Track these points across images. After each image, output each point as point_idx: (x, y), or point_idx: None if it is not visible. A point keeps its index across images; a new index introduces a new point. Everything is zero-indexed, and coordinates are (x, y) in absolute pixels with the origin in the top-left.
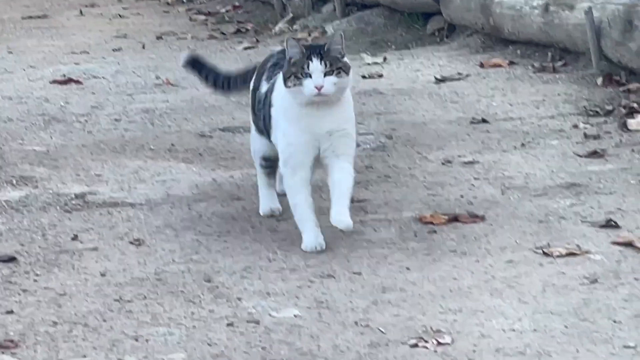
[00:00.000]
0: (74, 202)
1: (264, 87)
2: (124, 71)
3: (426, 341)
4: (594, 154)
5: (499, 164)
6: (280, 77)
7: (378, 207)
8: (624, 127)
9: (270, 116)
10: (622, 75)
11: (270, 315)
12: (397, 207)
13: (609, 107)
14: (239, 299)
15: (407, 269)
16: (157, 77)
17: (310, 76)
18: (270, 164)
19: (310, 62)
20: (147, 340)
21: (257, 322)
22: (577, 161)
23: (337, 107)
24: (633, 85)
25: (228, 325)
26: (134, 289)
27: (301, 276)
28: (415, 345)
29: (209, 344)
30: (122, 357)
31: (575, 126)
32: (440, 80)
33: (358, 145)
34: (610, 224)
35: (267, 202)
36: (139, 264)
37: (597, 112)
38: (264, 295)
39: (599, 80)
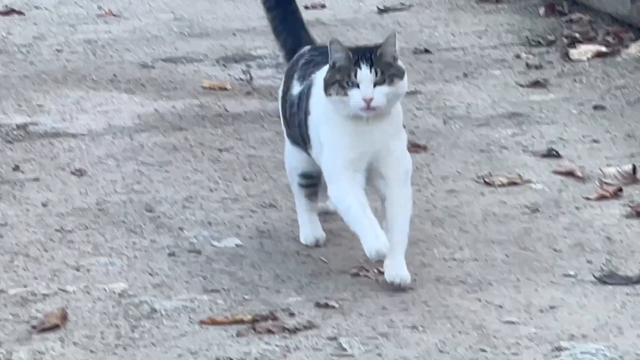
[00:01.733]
0: (15, 132)
1: (295, 88)
2: (66, 2)
3: (367, 270)
4: (536, 84)
5: (441, 93)
6: (317, 78)
7: None
8: (566, 57)
9: (307, 125)
10: (564, 5)
11: (211, 245)
12: None
13: (551, 37)
14: (181, 228)
15: None
16: (100, 8)
17: (358, 86)
18: (312, 183)
19: (358, 69)
20: (88, 270)
21: (199, 252)
22: (519, 91)
23: (388, 117)
24: (575, 15)
25: (169, 255)
26: (76, 219)
27: (243, 206)
28: (357, 275)
29: (150, 274)
30: (63, 287)
31: (518, 56)
32: (382, 11)
33: None
34: (551, 154)
35: (309, 231)
36: (81, 194)
37: (539, 42)
38: (206, 225)
39: (541, 11)
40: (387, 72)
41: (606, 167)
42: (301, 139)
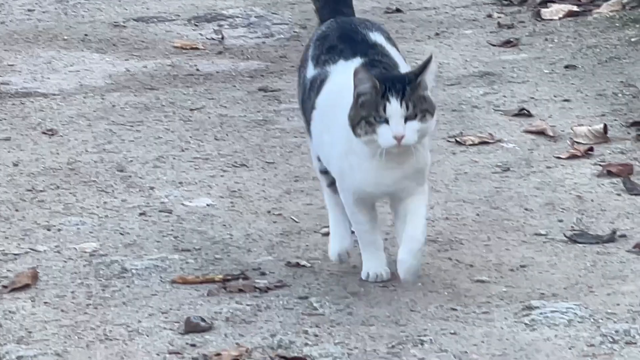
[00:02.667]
0: None
1: (309, 69)
2: None
3: None
4: (507, 43)
5: (413, 53)
6: (333, 75)
7: (292, 96)
8: (537, 16)
9: (311, 117)
10: None
11: (182, 204)
12: None
13: None
14: (152, 188)
15: None
16: None
17: (387, 121)
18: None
19: (387, 102)
20: (59, 230)
21: (170, 212)
22: (490, 50)
23: (416, 153)
24: None
25: (140, 214)
26: (47, 179)
27: (214, 165)
28: (328, 234)
29: (122, 233)
30: (34, 247)
31: (489, 15)
32: None
33: (272, 35)
34: (522, 113)
35: (337, 242)
36: (52, 153)
37: (510, 1)
38: (177, 185)
39: None
40: (420, 106)
41: (577, 126)
42: (305, 122)
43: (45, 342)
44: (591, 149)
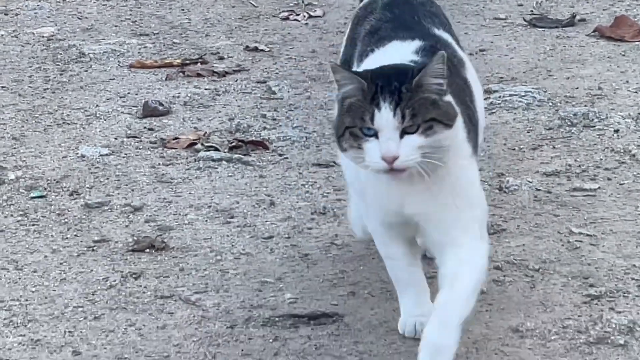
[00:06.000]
0: None
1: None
2: None
3: (297, 14)
4: None
5: None
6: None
7: None
8: None
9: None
10: None
11: None
12: None
13: None
14: None
15: None
16: None
17: (376, 135)
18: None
19: (375, 110)
20: (16, 15)
21: None
22: None
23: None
24: None
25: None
26: None
27: None
28: (287, 18)
29: (79, 18)
30: None
31: None
32: None
33: None
34: None
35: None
36: None
37: None
38: None
39: None
40: (424, 115)
41: None
42: None
43: (2, 126)
44: None
